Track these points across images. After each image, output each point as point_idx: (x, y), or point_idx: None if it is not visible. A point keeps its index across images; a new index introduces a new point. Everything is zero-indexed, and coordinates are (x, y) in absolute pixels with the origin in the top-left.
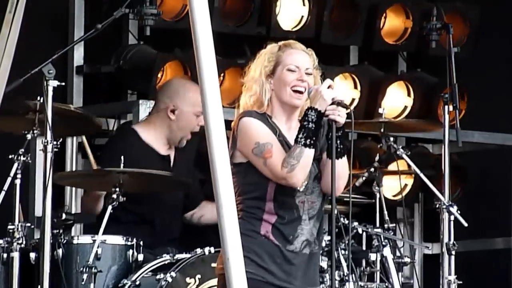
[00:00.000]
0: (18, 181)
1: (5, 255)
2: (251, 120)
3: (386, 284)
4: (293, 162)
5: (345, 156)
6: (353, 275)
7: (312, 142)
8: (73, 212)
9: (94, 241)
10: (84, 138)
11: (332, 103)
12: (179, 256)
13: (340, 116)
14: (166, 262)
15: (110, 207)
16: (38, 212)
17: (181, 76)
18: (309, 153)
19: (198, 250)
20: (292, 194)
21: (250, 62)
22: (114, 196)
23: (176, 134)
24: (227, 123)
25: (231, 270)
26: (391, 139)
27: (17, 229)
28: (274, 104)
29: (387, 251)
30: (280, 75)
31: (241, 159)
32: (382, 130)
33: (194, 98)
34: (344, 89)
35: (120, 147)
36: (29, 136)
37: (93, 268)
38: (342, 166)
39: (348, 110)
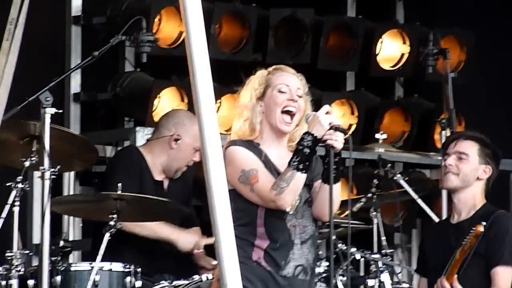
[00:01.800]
0: (16, 209)
1: (3, 282)
2: (236, 148)
3: None
4: (283, 185)
5: (339, 182)
6: None
7: (304, 166)
8: (70, 239)
9: (92, 268)
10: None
11: (330, 128)
12: (176, 282)
13: (337, 141)
14: None
15: (107, 234)
16: (36, 239)
17: (186, 109)
18: (300, 177)
19: (196, 277)
20: (283, 217)
21: (240, 88)
22: (112, 223)
23: (172, 164)
24: None
25: None
26: (388, 164)
27: (16, 256)
28: (264, 129)
29: (385, 277)
30: (271, 96)
31: (228, 186)
32: (379, 155)
33: (195, 132)
34: (340, 115)
35: (122, 166)
36: (27, 164)
37: None
38: (335, 192)
39: (346, 135)
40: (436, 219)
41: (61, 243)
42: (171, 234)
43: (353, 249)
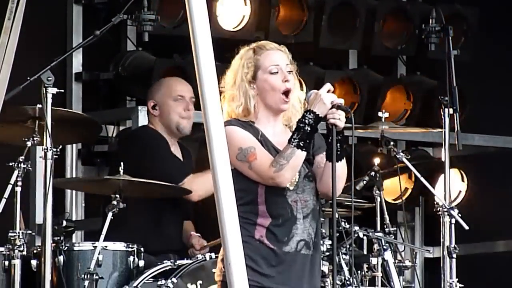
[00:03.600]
0: (18, 189)
1: (6, 263)
2: (232, 128)
3: None
4: (283, 162)
5: (344, 158)
6: (355, 279)
7: (305, 144)
8: (73, 219)
9: (95, 247)
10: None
11: (332, 107)
12: (180, 262)
13: (340, 120)
14: (167, 268)
15: (110, 214)
16: (39, 219)
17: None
18: (301, 154)
19: (199, 256)
20: (283, 193)
21: (226, 70)
22: (114, 202)
23: (169, 126)
24: None
25: (233, 275)
26: (391, 142)
27: (18, 236)
28: (259, 109)
29: (388, 255)
30: (264, 79)
31: None
32: (382, 133)
33: (167, 87)
34: (343, 94)
35: (150, 139)
36: (29, 144)
37: (95, 275)
38: (341, 169)
39: (348, 114)
40: (439, 197)
41: (64, 223)
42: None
43: (356, 228)
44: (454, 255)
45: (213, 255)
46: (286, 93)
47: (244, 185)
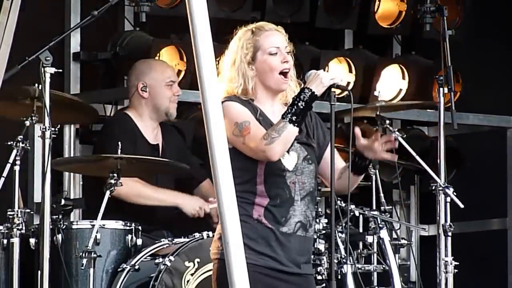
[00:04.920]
0: (17, 168)
1: (5, 241)
2: (230, 103)
3: (383, 266)
4: (274, 135)
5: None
6: (351, 257)
7: (297, 120)
8: (71, 197)
9: (93, 226)
10: None
11: (332, 86)
12: (177, 240)
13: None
14: (164, 246)
15: (108, 192)
16: (37, 198)
17: (185, 68)
18: (293, 130)
19: (197, 235)
20: (282, 174)
21: (223, 50)
22: (112, 181)
23: (158, 109)
24: None
25: (231, 254)
26: (387, 121)
27: (17, 215)
28: (258, 89)
29: (384, 233)
30: (264, 60)
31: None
32: (377, 113)
33: (159, 72)
34: (339, 73)
35: (118, 133)
36: (27, 123)
37: (93, 253)
38: (355, 183)
39: (347, 92)
40: (434, 176)
41: (62, 201)
42: (175, 199)
43: (352, 206)
44: (450, 233)
45: (210, 233)
46: (285, 73)
47: (243, 164)
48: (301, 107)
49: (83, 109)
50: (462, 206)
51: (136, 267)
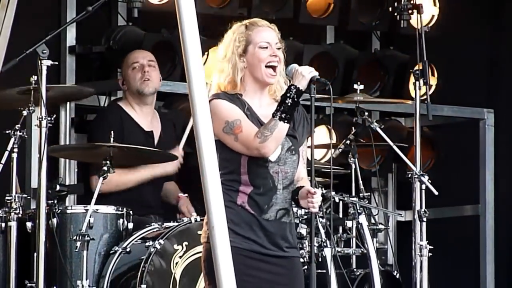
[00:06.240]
0: (15, 155)
1: (3, 225)
2: (219, 101)
3: (362, 249)
4: (267, 133)
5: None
6: (330, 241)
7: (286, 117)
8: (66, 183)
9: (87, 210)
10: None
11: (311, 80)
12: (167, 224)
13: (314, 207)
14: (154, 230)
15: (101, 179)
16: (34, 183)
17: (175, 61)
18: (283, 127)
19: (185, 219)
20: (265, 165)
21: (218, 43)
22: (105, 168)
23: (134, 94)
24: None
25: (216, 237)
26: (366, 113)
27: (14, 200)
28: (247, 82)
29: (362, 219)
30: (254, 53)
31: (214, 137)
32: (357, 105)
33: (125, 61)
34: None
35: (110, 122)
36: (25, 113)
37: (86, 236)
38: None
39: (328, 85)
40: (411, 164)
41: (58, 187)
42: (153, 171)
43: (333, 193)
44: (425, 219)
45: (198, 218)
46: (273, 67)
47: (228, 155)
48: (289, 104)
49: (78, 91)
50: (436, 193)
51: (128, 249)
